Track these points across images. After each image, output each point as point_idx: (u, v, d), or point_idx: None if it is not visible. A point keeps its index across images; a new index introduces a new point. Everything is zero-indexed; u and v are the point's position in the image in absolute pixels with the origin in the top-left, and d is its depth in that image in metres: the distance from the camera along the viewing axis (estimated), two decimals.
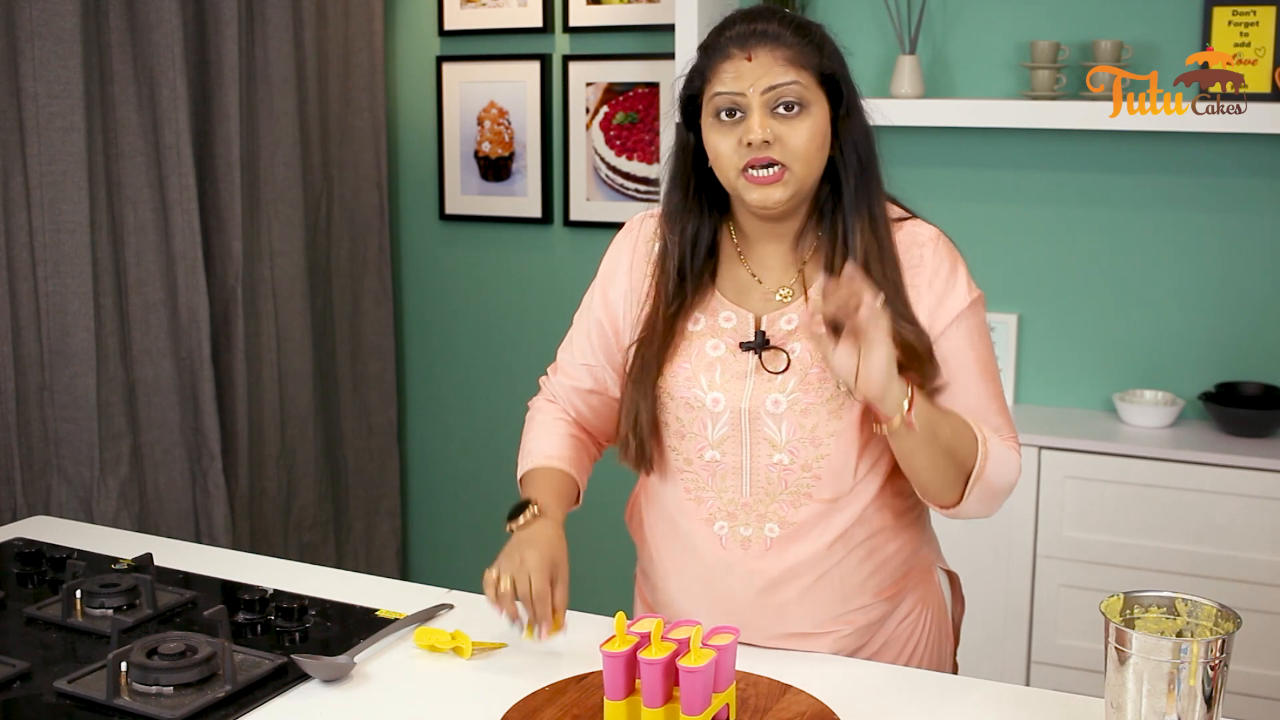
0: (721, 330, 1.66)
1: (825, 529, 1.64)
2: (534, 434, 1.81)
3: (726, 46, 1.58)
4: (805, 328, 1.61)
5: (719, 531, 1.66)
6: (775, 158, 1.55)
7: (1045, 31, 3.05)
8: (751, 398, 1.62)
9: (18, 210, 2.78)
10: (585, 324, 1.80)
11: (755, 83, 1.55)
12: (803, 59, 1.56)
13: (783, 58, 1.55)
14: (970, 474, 1.58)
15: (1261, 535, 2.72)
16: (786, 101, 1.55)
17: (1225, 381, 3.02)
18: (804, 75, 1.56)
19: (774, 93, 1.55)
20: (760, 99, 1.55)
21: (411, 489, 4.01)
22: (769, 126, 1.55)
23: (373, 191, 3.72)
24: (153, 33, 2.99)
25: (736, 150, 1.57)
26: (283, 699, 1.55)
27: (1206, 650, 1.27)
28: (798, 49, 1.56)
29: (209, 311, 3.14)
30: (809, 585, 1.65)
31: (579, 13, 3.54)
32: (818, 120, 1.57)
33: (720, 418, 1.63)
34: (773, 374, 1.62)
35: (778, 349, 1.63)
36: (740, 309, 1.66)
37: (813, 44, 1.58)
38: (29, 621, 1.77)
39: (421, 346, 3.93)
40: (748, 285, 1.68)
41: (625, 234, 1.80)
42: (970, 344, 1.64)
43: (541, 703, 1.49)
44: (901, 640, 1.73)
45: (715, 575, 1.68)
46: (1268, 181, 2.95)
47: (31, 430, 2.85)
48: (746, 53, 1.56)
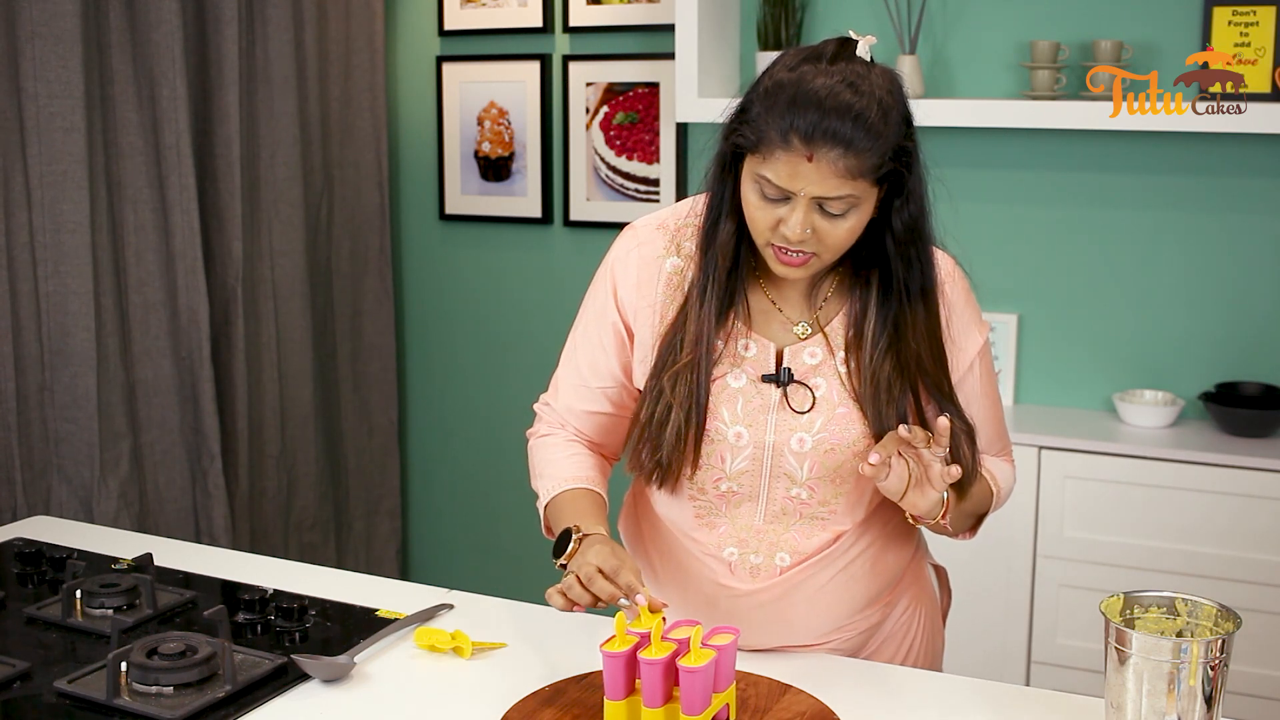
0: (742, 359, 1.60)
1: (836, 558, 1.65)
2: (548, 457, 1.70)
3: (789, 135, 1.42)
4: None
5: (728, 558, 1.65)
6: (808, 250, 1.49)
7: (1045, 31, 3.05)
8: (776, 433, 1.58)
9: (18, 210, 2.78)
10: (595, 338, 1.68)
11: (807, 187, 1.43)
12: (864, 167, 1.43)
13: (844, 169, 1.42)
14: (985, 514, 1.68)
15: (1261, 535, 2.72)
16: (834, 208, 1.46)
17: (1225, 381, 3.02)
18: (860, 185, 1.44)
19: (824, 200, 1.45)
20: (808, 202, 1.45)
21: (411, 489, 4.01)
22: (810, 224, 1.46)
23: (373, 191, 3.72)
24: (153, 33, 2.99)
25: (770, 228, 1.49)
26: (283, 699, 1.55)
27: (1206, 650, 1.27)
28: (864, 157, 1.42)
29: (209, 311, 3.14)
30: (813, 603, 1.66)
31: (579, 13, 3.54)
32: (861, 217, 1.48)
33: (741, 452, 1.59)
34: (797, 412, 1.58)
35: (801, 384, 1.59)
36: (761, 338, 1.60)
37: (882, 149, 1.44)
38: (29, 621, 1.77)
39: (421, 346, 3.93)
40: (767, 313, 1.62)
41: (631, 249, 1.67)
42: (982, 378, 1.67)
43: (541, 703, 1.49)
44: (898, 637, 1.75)
45: (719, 595, 1.67)
46: (1268, 181, 2.95)
47: (32, 430, 2.85)
48: (809, 151, 1.41)
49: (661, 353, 1.61)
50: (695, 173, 2.42)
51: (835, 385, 1.58)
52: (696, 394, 1.57)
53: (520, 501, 3.77)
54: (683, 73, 3.16)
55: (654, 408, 1.60)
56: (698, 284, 1.59)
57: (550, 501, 1.66)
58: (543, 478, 1.69)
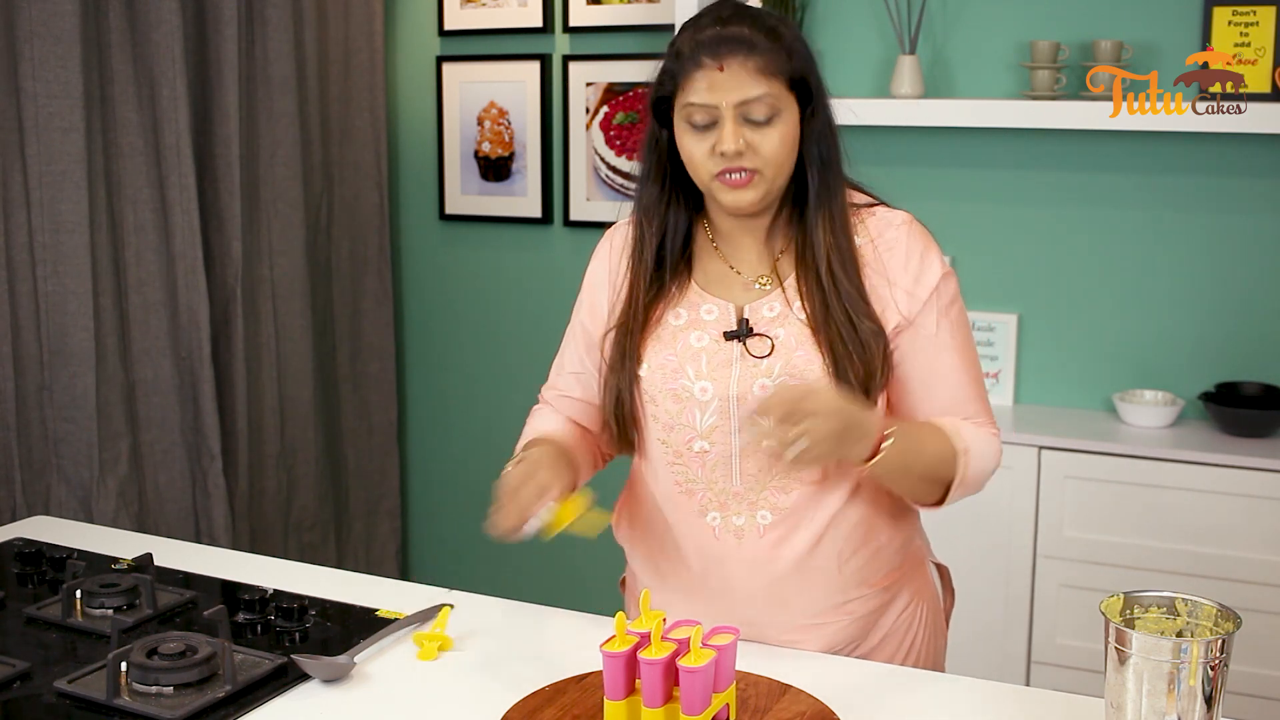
0: (704, 323, 1.67)
1: (816, 512, 1.65)
2: (531, 424, 1.84)
3: (698, 54, 1.57)
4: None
5: (711, 523, 1.67)
6: (747, 165, 1.58)
7: (1045, 31, 3.05)
8: (739, 384, 1.63)
9: (17, 210, 2.79)
10: (573, 334, 1.82)
11: (727, 95, 1.56)
12: (774, 66, 1.56)
13: (754, 68, 1.55)
14: (951, 482, 1.64)
15: (1261, 535, 2.72)
16: (757, 112, 1.57)
17: (1225, 381, 3.02)
18: (775, 84, 1.57)
19: (746, 106, 1.56)
20: (733, 111, 1.56)
21: (411, 489, 4.01)
22: (741, 136, 1.57)
23: (373, 191, 3.72)
24: (153, 33, 2.99)
25: (710, 157, 1.59)
26: (283, 699, 1.55)
27: (1206, 650, 1.27)
28: (769, 56, 1.56)
29: (209, 311, 3.14)
30: (806, 572, 1.66)
31: (579, 13, 3.54)
32: (788, 126, 1.59)
33: (709, 406, 1.64)
34: (758, 359, 1.64)
35: (762, 335, 1.65)
36: (721, 300, 1.68)
37: (784, 49, 1.58)
38: (29, 621, 1.77)
39: (421, 346, 3.93)
40: (726, 277, 1.70)
41: (604, 243, 1.81)
42: (949, 325, 1.67)
43: (541, 703, 1.49)
44: (899, 634, 1.75)
45: (711, 569, 1.69)
46: (1268, 181, 2.95)
47: (31, 430, 2.85)
48: (719, 62, 1.56)
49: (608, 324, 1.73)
50: None
51: (794, 331, 1.64)
52: (628, 351, 1.68)
53: None
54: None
55: (604, 373, 1.72)
56: (632, 248, 1.72)
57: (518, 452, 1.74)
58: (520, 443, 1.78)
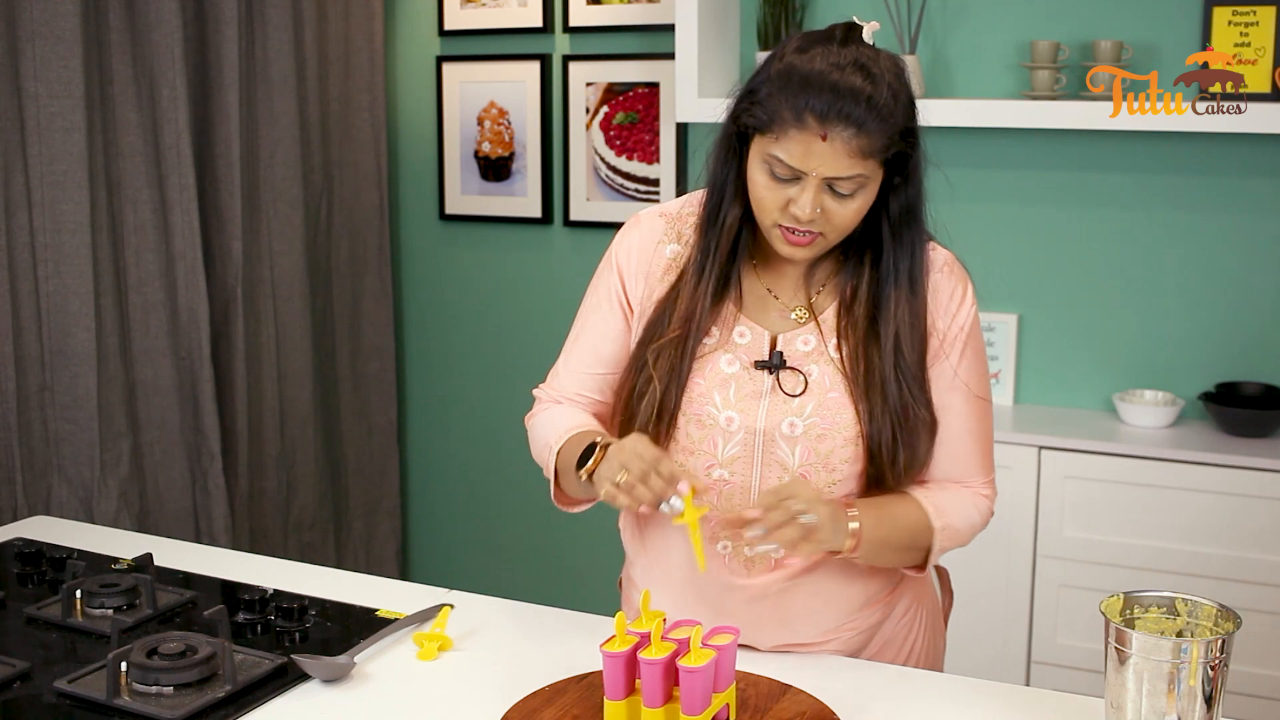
0: (736, 345, 1.62)
1: None
2: (548, 420, 1.71)
3: (804, 114, 1.46)
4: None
5: (721, 551, 1.65)
6: (815, 229, 1.52)
7: (1045, 31, 3.05)
8: (767, 418, 1.59)
9: (18, 210, 2.79)
10: (598, 324, 1.71)
11: (820, 167, 1.47)
12: (876, 146, 1.47)
13: (857, 149, 1.46)
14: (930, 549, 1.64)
15: (1261, 535, 2.72)
16: (843, 188, 1.50)
17: (1225, 381, 3.02)
18: (870, 164, 1.49)
19: (835, 180, 1.48)
20: (819, 181, 1.48)
21: (411, 489, 4.01)
22: (820, 204, 1.50)
23: (373, 191, 3.72)
24: (153, 33, 2.99)
25: (779, 208, 1.52)
26: (283, 699, 1.55)
27: (1206, 650, 1.27)
28: (875, 137, 1.46)
29: (209, 311, 3.14)
30: (814, 599, 1.65)
31: (579, 13, 3.54)
32: (868, 198, 1.52)
33: (733, 437, 1.60)
34: (789, 396, 1.59)
35: (795, 370, 1.60)
36: (755, 325, 1.63)
37: (893, 129, 1.48)
38: (29, 621, 1.77)
39: (421, 346, 3.93)
40: (763, 300, 1.64)
41: (632, 231, 1.71)
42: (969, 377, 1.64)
43: (541, 703, 1.49)
44: (900, 638, 1.75)
45: (716, 591, 1.67)
46: (1268, 181, 2.95)
47: (32, 430, 2.85)
48: (823, 131, 1.45)
49: (649, 327, 1.64)
50: (695, 172, 2.42)
51: (828, 371, 1.60)
52: (679, 369, 1.60)
53: (520, 501, 3.78)
54: (683, 73, 3.16)
55: (635, 380, 1.63)
56: (695, 262, 1.62)
57: (559, 451, 1.65)
58: (548, 440, 1.68)
